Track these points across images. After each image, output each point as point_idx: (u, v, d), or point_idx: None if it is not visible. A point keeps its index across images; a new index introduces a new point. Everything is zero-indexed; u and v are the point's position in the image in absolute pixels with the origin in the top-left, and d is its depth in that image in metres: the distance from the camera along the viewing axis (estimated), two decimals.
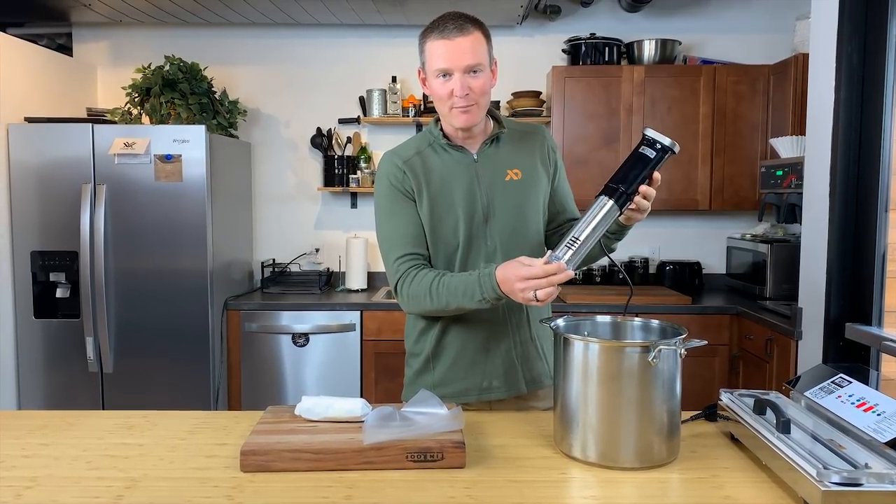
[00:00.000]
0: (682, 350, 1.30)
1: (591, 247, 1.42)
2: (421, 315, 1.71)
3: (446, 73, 1.56)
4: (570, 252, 1.40)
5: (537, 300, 1.39)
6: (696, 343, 1.31)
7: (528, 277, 1.39)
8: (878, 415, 1.26)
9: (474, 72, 1.56)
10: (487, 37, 1.59)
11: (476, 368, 1.68)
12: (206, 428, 1.54)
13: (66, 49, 4.07)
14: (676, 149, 1.46)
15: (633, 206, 1.46)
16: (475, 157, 1.67)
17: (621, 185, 1.43)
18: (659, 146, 1.45)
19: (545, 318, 1.51)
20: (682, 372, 1.34)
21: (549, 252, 1.42)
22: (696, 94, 3.65)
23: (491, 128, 1.71)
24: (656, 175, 1.45)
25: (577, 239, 1.41)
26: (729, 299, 3.58)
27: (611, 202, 1.43)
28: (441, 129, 1.69)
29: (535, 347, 1.72)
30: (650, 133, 1.45)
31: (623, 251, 3.97)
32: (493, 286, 1.47)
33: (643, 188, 1.44)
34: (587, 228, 1.41)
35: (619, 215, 1.45)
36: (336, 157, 3.95)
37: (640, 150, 1.46)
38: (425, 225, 1.64)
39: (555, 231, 1.78)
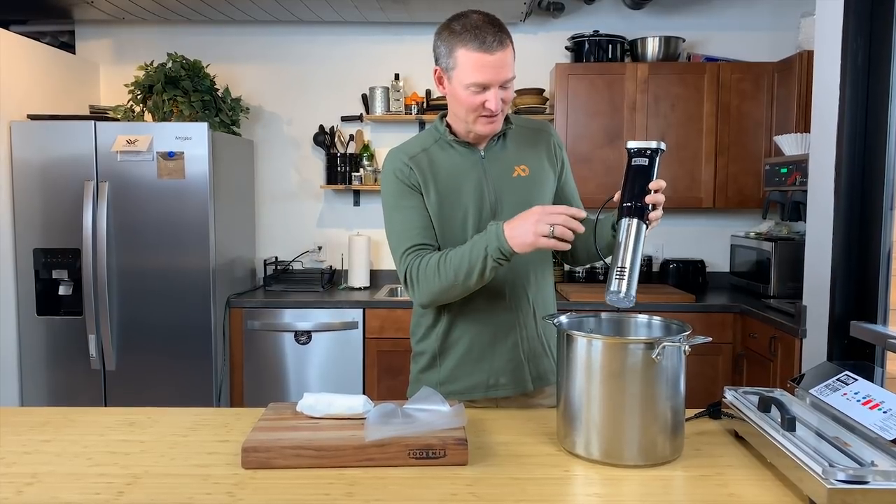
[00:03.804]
0: (687, 347, 1.29)
1: (638, 269, 1.41)
2: (430, 304, 1.66)
3: (481, 86, 1.53)
4: (624, 281, 1.39)
5: (553, 236, 1.38)
6: (701, 340, 1.30)
7: (549, 212, 1.40)
8: (885, 412, 1.25)
9: (507, 84, 1.55)
10: (512, 42, 1.57)
11: (482, 365, 1.67)
12: (208, 425, 1.54)
13: (68, 47, 4.07)
14: (663, 146, 1.46)
15: (650, 221, 1.44)
16: (482, 154, 1.67)
17: (633, 202, 1.43)
18: (648, 151, 1.45)
19: (549, 315, 1.50)
20: (686, 370, 1.33)
21: (606, 292, 1.41)
22: (700, 91, 3.63)
23: None
24: (661, 183, 1.44)
25: (623, 268, 1.39)
26: (733, 297, 3.57)
27: (634, 221, 1.42)
28: (448, 126, 1.68)
29: (541, 344, 1.71)
30: (633, 144, 1.46)
31: None
32: (499, 233, 1.44)
33: (653, 198, 1.42)
34: (628, 254, 1.40)
35: (647, 228, 1.44)
36: (339, 154, 3.94)
37: (632, 163, 1.46)
38: (433, 221, 1.63)
39: None
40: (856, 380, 1.40)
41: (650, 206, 1.43)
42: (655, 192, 1.43)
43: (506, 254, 1.45)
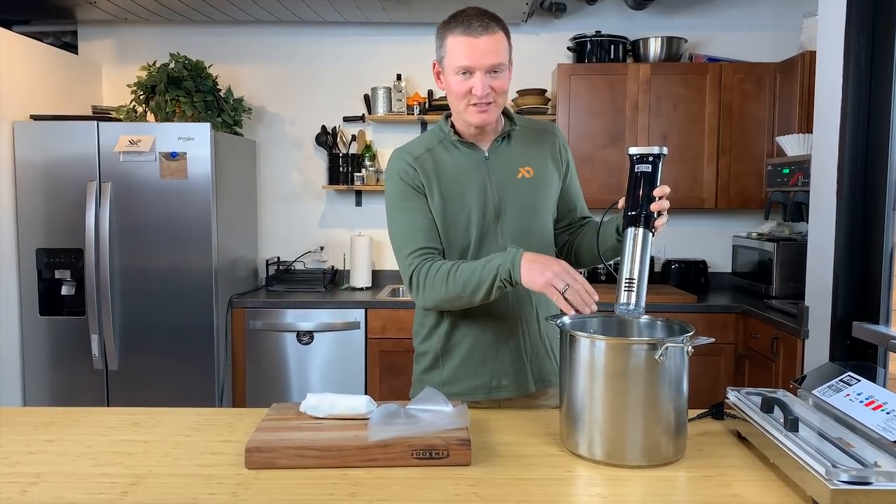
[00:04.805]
0: (689, 347, 1.29)
1: (646, 278, 1.41)
2: (433, 309, 1.67)
3: (467, 71, 1.54)
4: (633, 293, 1.39)
5: (562, 293, 1.38)
6: (703, 340, 1.30)
7: (572, 274, 1.40)
8: (887, 413, 1.25)
9: (495, 72, 1.54)
10: (508, 36, 1.58)
11: (485, 367, 1.68)
12: (211, 425, 1.54)
13: (71, 47, 4.07)
14: (666, 151, 1.46)
15: (656, 229, 1.44)
16: (486, 155, 1.67)
17: (639, 210, 1.43)
18: (651, 157, 1.44)
19: (552, 316, 1.50)
20: (689, 371, 1.33)
21: (615, 304, 1.41)
22: (703, 91, 3.63)
23: (502, 125, 1.69)
24: (666, 189, 1.44)
25: (631, 279, 1.40)
26: (735, 298, 3.57)
27: (640, 230, 1.42)
28: (452, 126, 1.68)
29: (543, 346, 1.71)
30: (635, 150, 1.46)
31: None
32: (515, 259, 1.45)
33: (656, 205, 1.42)
34: (635, 265, 1.40)
35: (653, 237, 1.44)
36: (341, 155, 3.95)
37: (635, 170, 1.45)
38: (437, 222, 1.64)
39: (564, 229, 1.78)
40: (858, 380, 1.40)
41: (655, 214, 1.43)
42: (660, 198, 1.43)
43: (513, 280, 1.47)
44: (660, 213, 1.44)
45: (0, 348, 3.25)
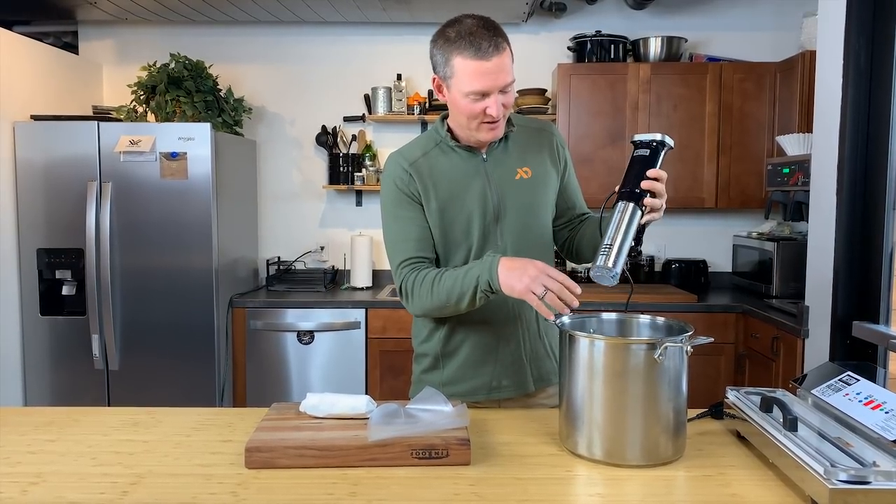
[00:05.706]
0: (689, 347, 1.29)
1: (626, 250, 1.42)
2: (424, 317, 1.69)
3: (482, 94, 1.51)
4: (609, 258, 1.40)
5: (541, 298, 1.37)
6: (703, 340, 1.30)
7: (548, 273, 1.39)
8: (886, 413, 1.25)
9: (507, 90, 1.53)
10: (510, 44, 1.54)
11: (485, 367, 1.68)
12: (211, 425, 1.54)
13: (71, 47, 4.08)
14: (669, 140, 1.46)
15: (646, 206, 1.44)
16: (484, 157, 1.66)
17: (630, 188, 1.44)
18: (654, 143, 1.46)
19: None
20: (688, 370, 1.33)
21: (591, 267, 1.42)
22: (703, 91, 3.63)
23: None
24: (661, 173, 1.44)
25: (609, 245, 1.41)
26: (735, 298, 3.57)
27: (630, 204, 1.43)
28: (448, 130, 1.68)
29: (543, 345, 1.71)
30: (637, 137, 1.48)
31: None
32: (493, 268, 1.44)
33: (649, 184, 1.42)
34: (618, 234, 1.42)
35: (641, 215, 1.44)
36: (341, 154, 3.95)
37: (635, 154, 1.48)
38: (435, 227, 1.63)
39: (563, 227, 1.78)
40: (858, 380, 1.41)
41: (647, 193, 1.43)
42: (654, 180, 1.43)
43: (493, 289, 1.46)
44: (653, 195, 1.43)
45: (1, 348, 3.25)
